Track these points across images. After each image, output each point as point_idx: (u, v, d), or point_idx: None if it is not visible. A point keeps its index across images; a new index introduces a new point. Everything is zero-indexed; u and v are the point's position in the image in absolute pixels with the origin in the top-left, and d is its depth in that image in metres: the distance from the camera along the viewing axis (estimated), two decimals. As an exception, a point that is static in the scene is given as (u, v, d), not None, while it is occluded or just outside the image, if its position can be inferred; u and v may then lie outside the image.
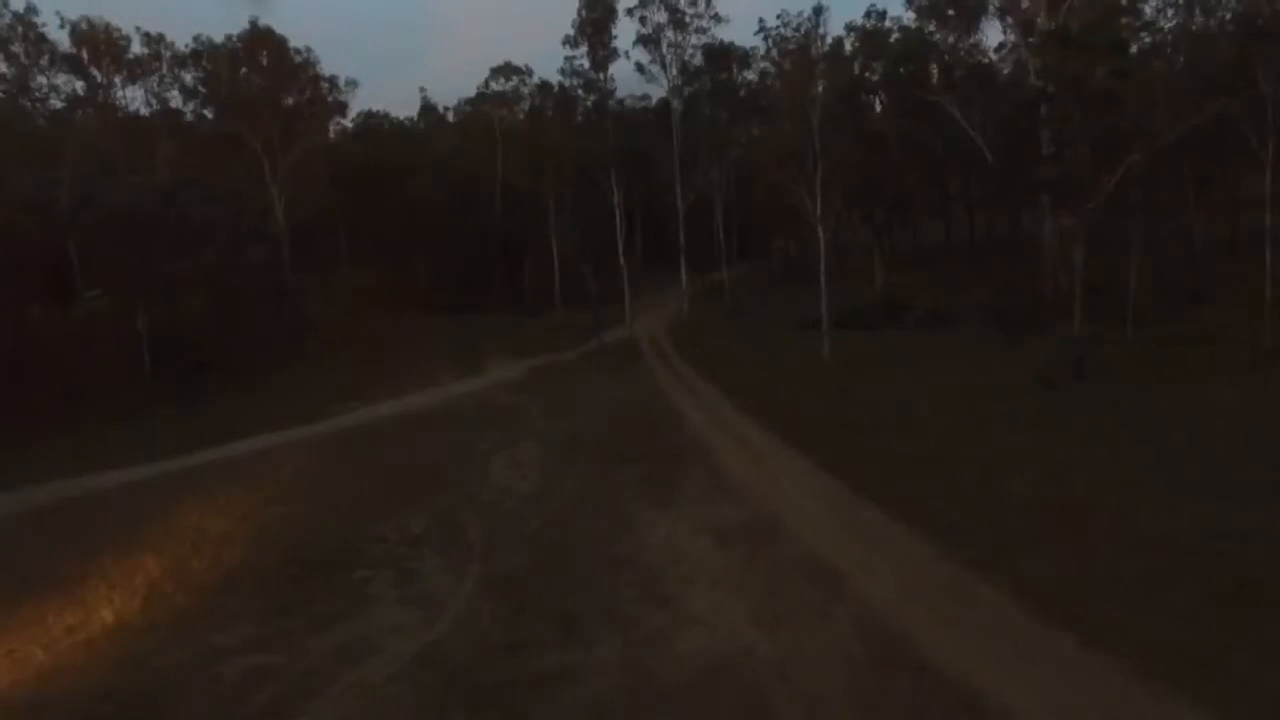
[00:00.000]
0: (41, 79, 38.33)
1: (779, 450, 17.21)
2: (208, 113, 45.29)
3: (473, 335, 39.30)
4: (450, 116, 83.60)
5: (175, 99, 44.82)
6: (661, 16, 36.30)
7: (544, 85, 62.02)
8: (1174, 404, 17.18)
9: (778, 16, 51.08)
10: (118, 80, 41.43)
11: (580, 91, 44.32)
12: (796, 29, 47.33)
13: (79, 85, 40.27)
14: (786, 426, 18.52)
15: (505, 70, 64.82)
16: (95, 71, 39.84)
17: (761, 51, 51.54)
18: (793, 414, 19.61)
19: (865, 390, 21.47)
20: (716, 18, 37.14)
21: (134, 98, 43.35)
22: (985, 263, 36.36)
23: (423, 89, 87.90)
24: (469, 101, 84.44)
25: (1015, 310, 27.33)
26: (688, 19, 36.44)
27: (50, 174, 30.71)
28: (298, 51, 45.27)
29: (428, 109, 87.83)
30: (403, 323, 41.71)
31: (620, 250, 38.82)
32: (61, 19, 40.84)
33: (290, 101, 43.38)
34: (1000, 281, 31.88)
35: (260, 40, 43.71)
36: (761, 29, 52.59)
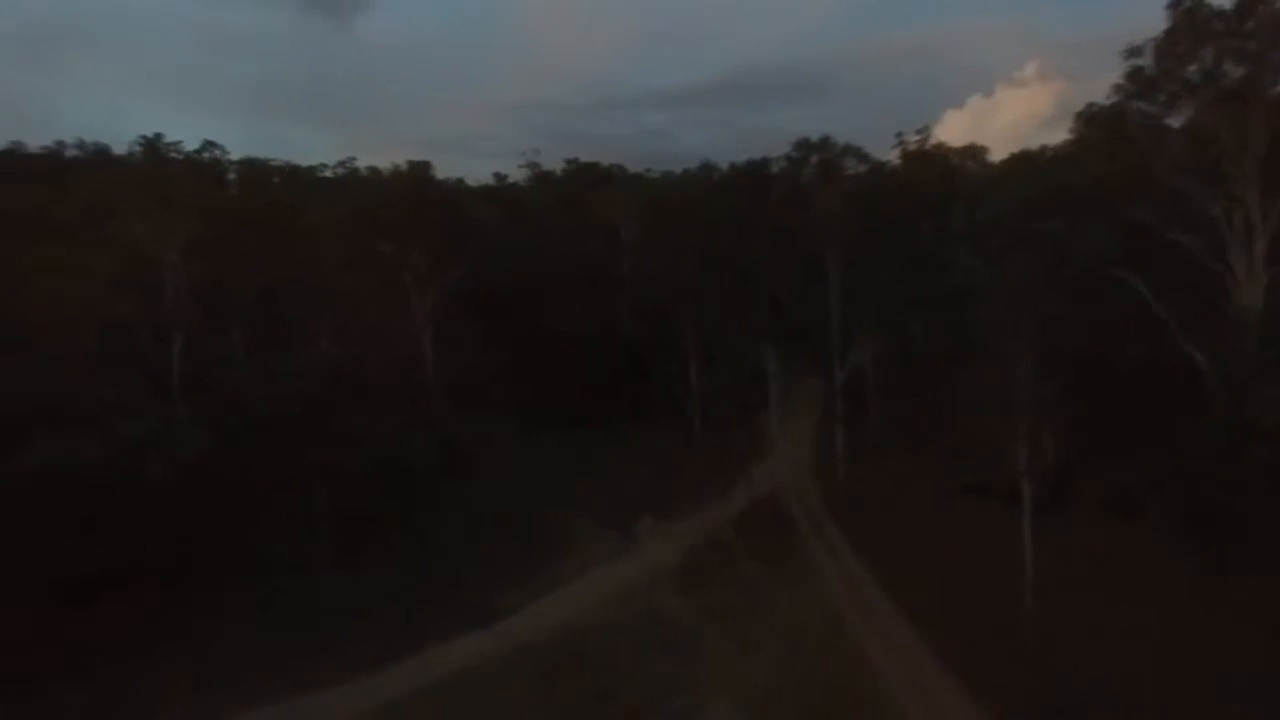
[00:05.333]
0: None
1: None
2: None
3: (613, 474, 40.18)
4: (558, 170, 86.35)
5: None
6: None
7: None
8: None
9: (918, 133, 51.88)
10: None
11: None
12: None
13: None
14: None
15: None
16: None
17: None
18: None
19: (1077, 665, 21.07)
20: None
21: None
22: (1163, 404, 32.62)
23: (534, 161, 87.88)
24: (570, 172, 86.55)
25: (1210, 514, 25.76)
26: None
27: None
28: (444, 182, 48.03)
29: (539, 178, 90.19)
30: (537, 450, 42.05)
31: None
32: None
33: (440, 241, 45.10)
34: (1178, 449, 29.49)
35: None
36: (899, 142, 52.36)
